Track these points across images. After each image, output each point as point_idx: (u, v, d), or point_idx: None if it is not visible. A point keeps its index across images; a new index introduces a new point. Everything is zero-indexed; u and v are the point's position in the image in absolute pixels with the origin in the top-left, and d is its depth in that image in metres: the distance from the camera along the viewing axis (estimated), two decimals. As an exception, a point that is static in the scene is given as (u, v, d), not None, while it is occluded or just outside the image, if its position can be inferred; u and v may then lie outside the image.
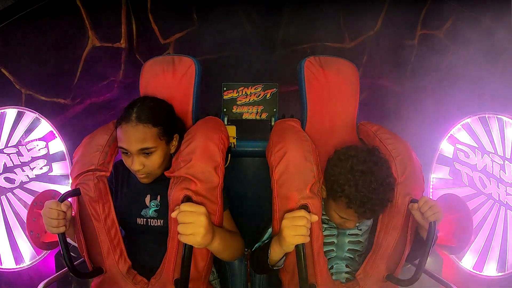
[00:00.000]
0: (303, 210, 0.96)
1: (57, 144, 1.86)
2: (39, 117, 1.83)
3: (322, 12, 2.13)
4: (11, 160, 1.79)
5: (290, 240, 0.93)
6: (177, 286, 1.05)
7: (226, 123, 1.58)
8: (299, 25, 2.15)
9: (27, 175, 1.82)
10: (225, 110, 1.62)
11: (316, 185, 1.05)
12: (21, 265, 1.80)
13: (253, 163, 1.60)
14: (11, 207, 1.80)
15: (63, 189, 1.83)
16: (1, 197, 1.80)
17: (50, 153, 1.85)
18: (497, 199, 1.81)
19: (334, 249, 1.15)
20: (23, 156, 1.81)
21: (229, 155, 1.23)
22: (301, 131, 1.19)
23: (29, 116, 1.82)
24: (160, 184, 1.12)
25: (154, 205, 1.14)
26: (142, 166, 1.05)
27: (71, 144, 1.86)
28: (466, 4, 1.96)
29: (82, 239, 1.09)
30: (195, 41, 2.13)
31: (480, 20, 1.92)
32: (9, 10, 1.73)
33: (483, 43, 1.93)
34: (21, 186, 1.81)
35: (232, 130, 1.50)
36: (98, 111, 2.10)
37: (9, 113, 1.80)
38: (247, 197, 1.54)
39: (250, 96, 1.61)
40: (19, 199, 1.81)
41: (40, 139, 1.83)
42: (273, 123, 1.58)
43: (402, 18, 2.09)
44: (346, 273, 1.15)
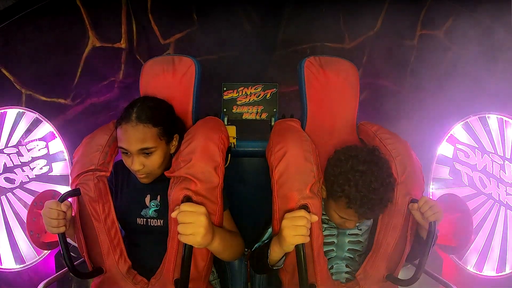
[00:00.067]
0: (303, 210, 0.96)
1: (57, 144, 1.86)
2: (39, 117, 1.83)
3: (322, 12, 2.14)
4: (11, 160, 1.79)
5: (290, 240, 0.93)
6: (177, 286, 1.04)
7: (226, 123, 1.58)
8: (299, 25, 2.15)
9: (27, 175, 1.82)
10: (225, 110, 1.62)
11: (316, 185, 1.05)
12: (21, 265, 1.80)
13: (253, 163, 1.59)
14: (11, 207, 1.80)
15: (63, 189, 1.83)
16: (1, 197, 1.80)
17: (50, 153, 1.85)
18: (497, 199, 1.81)
19: (334, 249, 1.15)
20: (23, 156, 1.81)
21: (229, 155, 1.23)
22: (301, 131, 1.19)
23: (29, 116, 1.82)
24: (160, 184, 1.12)
25: (154, 205, 1.14)
26: (142, 166, 1.05)
27: (71, 144, 1.86)
28: (466, 4, 1.96)
29: (82, 239, 1.09)
30: (195, 41, 2.13)
31: (480, 20, 1.92)
32: (9, 10, 1.73)
33: (482, 43, 1.93)
34: (21, 186, 1.81)
35: (232, 130, 1.49)
36: (98, 111, 2.10)
37: (9, 113, 1.80)
38: (247, 197, 1.54)
39: (250, 96, 1.61)
40: (19, 199, 1.81)
41: (40, 139, 1.83)
42: (273, 123, 1.58)
43: (402, 18, 2.09)
44: (346, 273, 1.15)
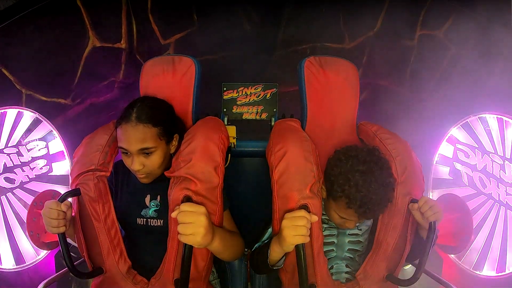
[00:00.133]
0: (303, 210, 0.96)
1: (57, 144, 1.86)
2: (39, 117, 1.83)
3: (322, 12, 2.14)
4: (11, 160, 1.79)
5: (290, 240, 0.93)
6: (177, 286, 1.04)
7: (226, 123, 1.58)
8: (299, 25, 2.15)
9: (27, 175, 1.82)
10: (225, 110, 1.62)
11: (316, 185, 1.05)
12: (21, 265, 1.80)
13: (253, 163, 1.60)
14: (11, 207, 1.80)
15: (63, 189, 1.83)
16: (1, 197, 1.80)
17: (50, 153, 1.85)
18: (497, 199, 1.81)
19: (334, 249, 1.15)
20: (23, 156, 1.81)
21: (229, 155, 1.23)
22: (301, 131, 1.19)
23: (29, 116, 1.82)
24: (160, 184, 1.12)
25: (154, 205, 1.14)
26: (142, 166, 1.05)
27: (71, 144, 1.87)
28: (465, 4, 1.96)
29: (82, 239, 1.09)
30: (195, 41, 2.13)
31: (479, 20, 1.92)
32: (10, 10, 1.73)
33: (482, 43, 1.93)
34: (21, 186, 1.81)
35: (232, 130, 1.50)
36: (98, 111, 2.10)
37: (9, 113, 1.80)
38: (247, 197, 1.54)
39: (250, 96, 1.61)
40: (19, 199, 1.81)
41: (40, 139, 1.83)
42: (273, 123, 1.58)
43: (401, 18, 2.09)
44: (346, 273, 1.15)
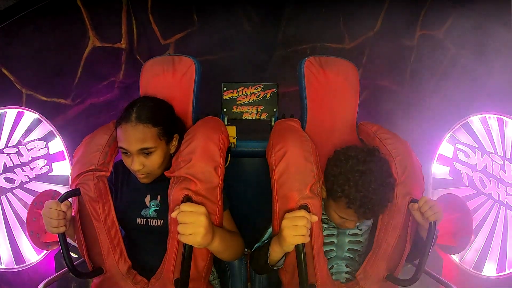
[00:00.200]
0: (303, 210, 0.96)
1: (57, 144, 1.86)
2: (39, 117, 1.83)
3: (322, 12, 2.14)
4: (11, 160, 1.79)
5: (290, 240, 0.93)
6: (177, 286, 1.04)
7: (226, 123, 1.58)
8: (299, 25, 2.15)
9: (27, 175, 1.82)
10: (225, 110, 1.62)
11: (316, 185, 1.05)
12: (21, 265, 1.80)
13: (253, 163, 1.59)
14: (11, 207, 1.80)
15: (63, 189, 1.83)
16: (1, 197, 1.80)
17: (50, 153, 1.85)
18: (497, 199, 1.81)
19: (334, 249, 1.15)
20: (23, 156, 1.81)
21: (229, 155, 1.23)
22: (301, 131, 1.19)
23: (30, 116, 1.82)
24: (160, 184, 1.12)
25: (154, 205, 1.14)
26: (142, 166, 1.05)
27: (71, 144, 1.87)
28: (465, 4, 1.96)
29: (82, 239, 1.09)
30: (196, 41, 2.13)
31: (479, 20, 1.92)
32: (10, 10, 1.73)
33: (482, 43, 1.93)
34: (21, 186, 1.81)
35: (232, 130, 1.49)
36: (98, 111, 2.10)
37: (10, 113, 1.80)
38: (247, 197, 1.54)
39: (250, 96, 1.61)
40: (19, 199, 1.81)
41: (40, 139, 1.83)
42: (273, 123, 1.58)
43: (401, 18, 2.09)
44: (346, 273, 1.15)
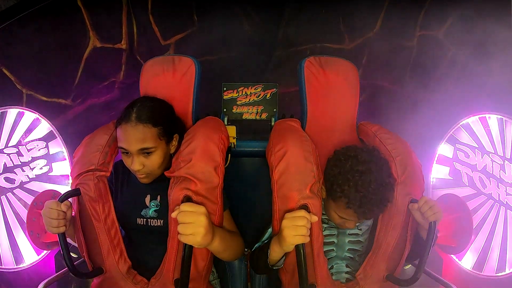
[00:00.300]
0: (303, 210, 0.96)
1: (57, 144, 1.86)
2: (40, 117, 1.83)
3: (322, 13, 2.14)
4: (11, 160, 1.79)
5: (290, 240, 0.93)
6: (177, 286, 1.04)
7: (226, 123, 1.58)
8: (299, 26, 2.15)
9: (27, 175, 1.82)
10: (225, 110, 1.62)
11: (316, 185, 1.05)
12: (21, 265, 1.81)
13: (253, 163, 1.59)
14: (11, 207, 1.81)
15: (63, 189, 1.83)
16: (1, 197, 1.80)
17: (50, 153, 1.85)
18: (497, 199, 1.81)
19: (334, 249, 1.15)
20: (23, 156, 1.81)
21: (229, 155, 1.23)
22: (301, 131, 1.19)
23: (30, 116, 1.82)
24: (160, 184, 1.12)
25: (154, 205, 1.14)
26: (142, 166, 1.05)
27: (71, 144, 1.87)
28: (465, 4, 1.96)
29: (82, 239, 1.09)
30: (196, 42, 2.13)
31: (479, 20, 1.92)
32: (11, 10, 1.73)
33: (482, 43, 1.94)
34: (21, 186, 1.82)
35: (232, 130, 1.49)
36: (98, 111, 2.10)
37: (10, 113, 1.80)
38: (247, 197, 1.54)
39: (250, 96, 1.61)
40: (19, 199, 1.81)
41: (40, 139, 1.83)
42: (273, 123, 1.58)
43: (401, 19, 2.09)
44: (346, 273, 1.15)
